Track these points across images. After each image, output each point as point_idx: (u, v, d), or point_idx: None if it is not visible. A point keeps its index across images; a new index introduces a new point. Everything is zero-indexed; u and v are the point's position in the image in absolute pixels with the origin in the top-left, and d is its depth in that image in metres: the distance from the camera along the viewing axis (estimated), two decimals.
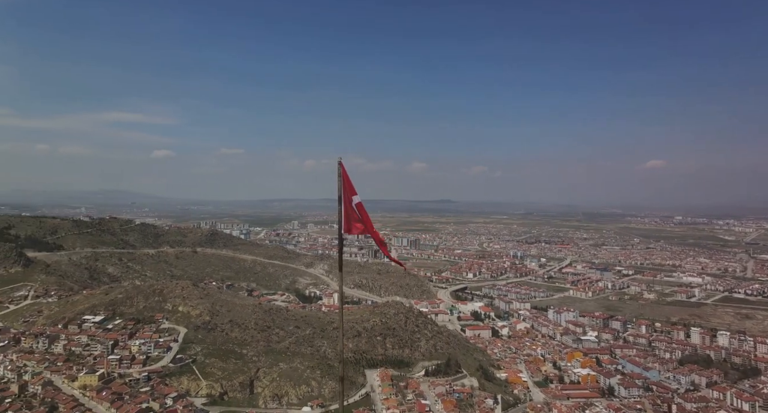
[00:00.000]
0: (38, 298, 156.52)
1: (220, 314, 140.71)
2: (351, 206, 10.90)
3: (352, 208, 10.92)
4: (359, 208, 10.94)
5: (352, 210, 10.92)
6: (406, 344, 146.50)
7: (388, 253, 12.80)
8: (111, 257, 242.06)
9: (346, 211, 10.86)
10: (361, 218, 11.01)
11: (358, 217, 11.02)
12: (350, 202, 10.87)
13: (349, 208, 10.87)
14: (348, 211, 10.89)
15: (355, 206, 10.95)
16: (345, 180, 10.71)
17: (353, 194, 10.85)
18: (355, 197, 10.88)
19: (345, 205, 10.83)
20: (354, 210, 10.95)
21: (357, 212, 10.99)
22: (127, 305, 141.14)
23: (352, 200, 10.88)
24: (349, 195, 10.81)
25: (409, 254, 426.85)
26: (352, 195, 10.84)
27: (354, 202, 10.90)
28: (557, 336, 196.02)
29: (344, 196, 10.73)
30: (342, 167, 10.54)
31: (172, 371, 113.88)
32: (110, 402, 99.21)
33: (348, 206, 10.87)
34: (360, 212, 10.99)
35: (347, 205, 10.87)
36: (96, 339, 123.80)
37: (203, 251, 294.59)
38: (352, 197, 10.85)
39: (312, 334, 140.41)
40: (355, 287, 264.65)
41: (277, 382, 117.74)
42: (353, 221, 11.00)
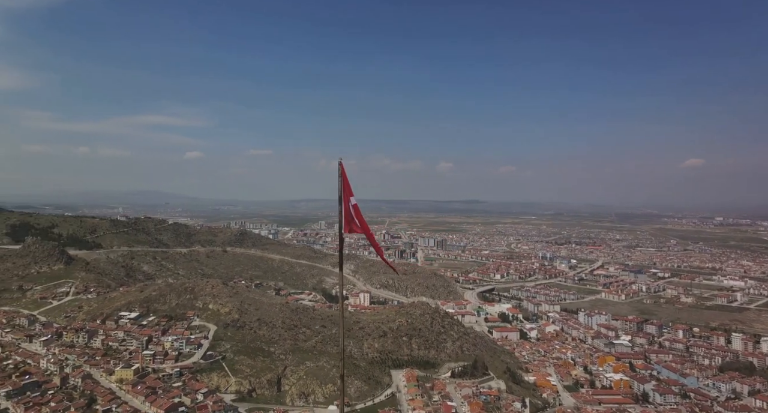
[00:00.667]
0: (78, 294, 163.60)
1: (249, 312, 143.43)
2: (349, 207, 11.05)
3: (349, 209, 11.06)
4: (355, 209, 11.11)
5: (349, 211, 11.07)
6: (432, 345, 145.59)
7: (383, 256, 12.71)
8: (146, 256, 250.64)
9: (346, 211, 11.03)
10: (357, 219, 11.16)
11: (352, 217, 11.15)
12: (348, 203, 11.02)
13: (347, 208, 11.02)
14: (347, 211, 11.05)
15: (351, 207, 11.10)
16: (344, 181, 10.84)
17: (350, 195, 11.01)
18: (352, 198, 11.04)
19: (344, 205, 10.97)
20: (351, 211, 11.09)
21: (353, 213, 11.15)
22: (160, 302, 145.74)
23: (350, 201, 11.03)
24: (347, 196, 10.94)
25: (436, 255, 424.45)
26: (349, 196, 10.98)
27: (351, 203, 11.05)
28: (588, 339, 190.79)
29: (344, 196, 10.85)
30: (342, 168, 10.71)
31: (202, 367, 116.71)
32: (145, 396, 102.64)
33: (347, 206, 11.03)
34: (356, 214, 11.14)
35: (346, 205, 11.02)
36: (131, 334, 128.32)
37: (233, 250, 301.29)
38: (349, 198, 10.99)
39: (338, 333, 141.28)
40: (381, 287, 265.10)
41: (304, 380, 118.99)
42: (351, 221, 11.15)
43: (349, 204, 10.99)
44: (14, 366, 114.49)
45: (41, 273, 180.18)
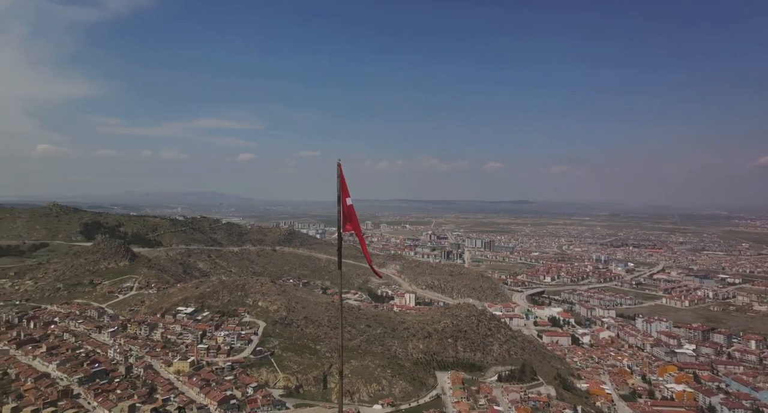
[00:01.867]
0: (141, 289, 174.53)
1: (296, 310, 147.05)
2: (346, 208, 11.49)
3: (346, 209, 11.49)
4: (350, 210, 11.52)
5: (347, 211, 11.51)
6: (478, 347, 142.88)
7: (369, 260, 13.30)
8: (201, 254, 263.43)
9: (344, 211, 11.45)
10: (351, 220, 11.58)
11: (347, 218, 11.58)
12: (345, 203, 11.45)
13: (345, 208, 11.45)
14: (345, 211, 11.48)
15: (347, 207, 11.53)
16: (342, 182, 11.27)
17: (347, 195, 11.45)
18: (348, 198, 11.48)
19: (343, 206, 11.41)
20: (345, 211, 11.51)
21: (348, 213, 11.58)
22: (213, 298, 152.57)
23: (346, 202, 11.48)
24: (344, 197, 11.38)
25: (483, 256, 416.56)
26: (345, 197, 11.42)
27: (347, 203, 11.48)
28: (647, 347, 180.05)
29: (342, 197, 11.31)
30: (340, 169, 11.13)
31: (252, 362, 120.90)
32: (200, 388, 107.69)
33: (344, 206, 11.45)
34: (350, 215, 11.56)
35: (345, 205, 11.45)
36: (187, 328, 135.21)
37: (282, 249, 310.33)
38: (346, 199, 11.43)
39: (383, 333, 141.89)
40: (426, 288, 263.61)
41: (349, 379, 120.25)
42: (346, 221, 11.57)
43: (345, 205, 11.38)
44: (85, 354, 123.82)
45: (109, 269, 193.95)
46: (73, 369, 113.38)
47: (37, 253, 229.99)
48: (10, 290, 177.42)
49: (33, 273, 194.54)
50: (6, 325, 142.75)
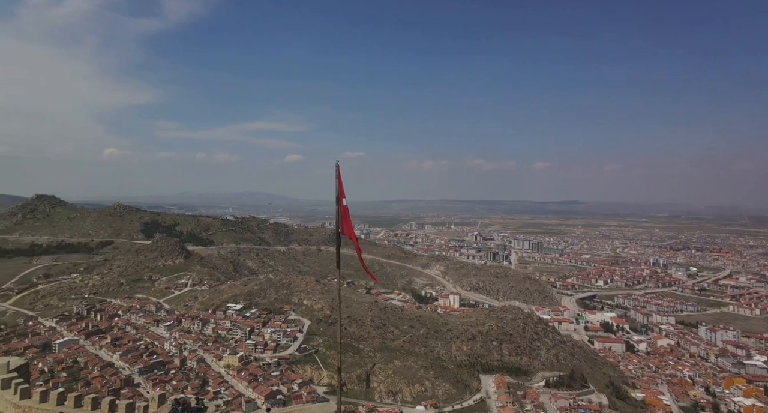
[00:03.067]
0: (195, 286, 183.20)
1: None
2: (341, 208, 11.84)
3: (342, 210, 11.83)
4: (344, 211, 11.88)
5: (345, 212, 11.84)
6: (524, 351, 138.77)
7: (363, 262, 13.78)
8: (250, 253, 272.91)
9: (342, 211, 11.81)
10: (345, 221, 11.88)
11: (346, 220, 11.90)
12: (341, 204, 11.81)
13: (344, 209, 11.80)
14: (343, 211, 11.85)
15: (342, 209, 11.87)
16: (339, 183, 11.55)
17: (343, 196, 11.75)
18: (343, 199, 11.79)
19: (340, 206, 11.78)
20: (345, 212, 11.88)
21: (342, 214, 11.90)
22: (261, 296, 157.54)
23: (342, 203, 11.84)
24: (340, 198, 11.69)
25: (531, 258, 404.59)
26: (341, 198, 11.73)
27: (342, 204, 11.84)
28: (711, 357, 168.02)
29: (340, 198, 11.67)
30: (338, 170, 11.48)
31: (297, 359, 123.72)
32: (248, 382, 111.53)
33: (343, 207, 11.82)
34: (344, 216, 11.89)
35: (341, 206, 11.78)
36: (237, 324, 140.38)
37: (327, 249, 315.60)
38: (341, 200, 11.75)
39: (426, 334, 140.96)
40: (471, 289, 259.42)
41: (392, 379, 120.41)
42: (343, 222, 11.92)
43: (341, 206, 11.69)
44: (145, 346, 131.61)
45: (166, 266, 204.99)
46: (133, 360, 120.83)
47: (103, 250, 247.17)
48: (80, 284, 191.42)
49: (100, 269, 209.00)
50: (76, 317, 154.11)
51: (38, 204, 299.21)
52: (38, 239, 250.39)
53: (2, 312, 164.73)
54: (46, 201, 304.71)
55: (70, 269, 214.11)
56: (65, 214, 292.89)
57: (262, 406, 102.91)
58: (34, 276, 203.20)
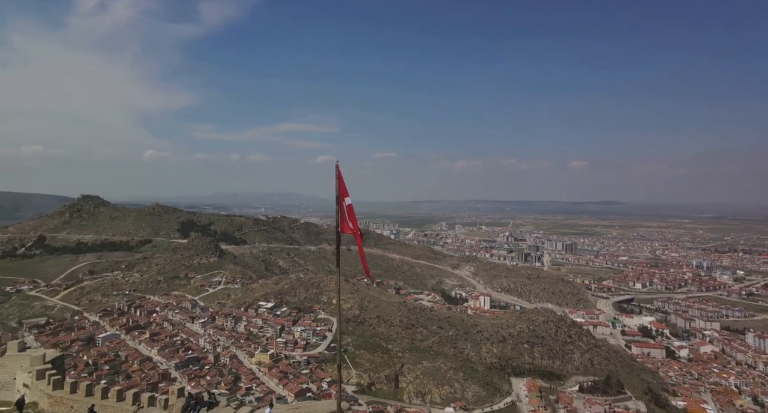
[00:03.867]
0: (228, 284, 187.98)
1: (368, 309, 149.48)
2: (344, 208, 11.99)
3: (344, 209, 11.99)
4: (349, 210, 12.02)
5: (344, 211, 11.99)
6: (557, 355, 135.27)
7: (365, 262, 13.72)
8: (281, 252, 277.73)
9: (342, 211, 11.98)
10: (351, 220, 12.01)
11: (346, 218, 12.02)
12: (344, 203, 11.95)
13: (343, 209, 11.97)
14: (343, 212, 12.00)
15: (346, 207, 12.03)
16: (340, 182, 11.77)
17: (346, 195, 11.94)
18: (347, 198, 11.97)
19: (341, 206, 11.95)
20: (345, 211, 12.02)
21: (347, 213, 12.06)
22: (291, 295, 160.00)
23: (345, 202, 11.98)
24: (342, 197, 11.90)
25: (564, 259, 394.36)
26: (344, 197, 11.90)
27: (346, 203, 11.99)
28: (760, 365, 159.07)
29: (340, 198, 11.88)
30: (338, 170, 11.70)
31: (326, 358, 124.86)
32: (278, 379, 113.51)
33: (342, 207, 11.98)
34: (349, 214, 12.02)
35: (342, 206, 11.96)
36: (268, 322, 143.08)
37: (356, 249, 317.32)
38: (344, 199, 11.91)
39: (455, 335, 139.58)
40: (502, 291, 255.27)
41: (421, 380, 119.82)
42: (345, 221, 12.00)
43: (344, 205, 11.85)
44: (181, 342, 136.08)
45: (201, 264, 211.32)
46: (170, 355, 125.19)
47: (142, 248, 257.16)
48: (121, 281, 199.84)
49: (139, 266, 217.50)
50: (118, 312, 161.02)
51: (84, 204, 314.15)
52: (83, 237, 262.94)
53: (51, 307, 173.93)
54: (91, 201, 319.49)
55: (112, 266, 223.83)
56: (108, 213, 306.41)
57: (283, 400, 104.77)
58: (80, 273, 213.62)
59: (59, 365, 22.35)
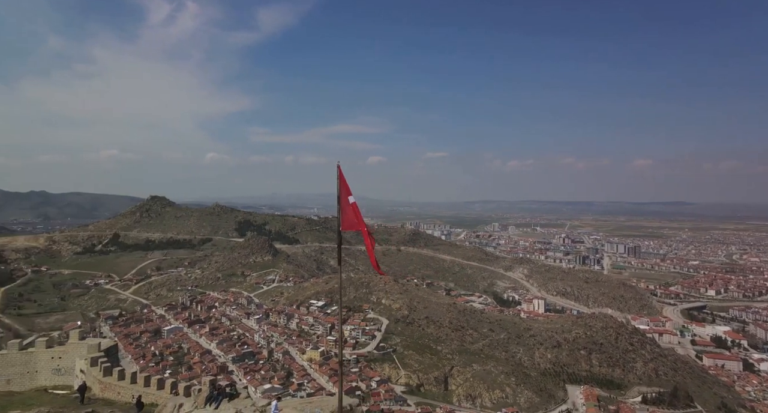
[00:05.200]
0: (281, 282, 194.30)
1: (418, 310, 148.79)
2: (348, 206, 12.60)
3: (348, 207, 12.61)
4: (354, 208, 12.69)
5: (348, 209, 12.60)
6: (617, 363, 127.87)
7: (373, 257, 13.76)
8: (332, 252, 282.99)
9: (344, 210, 12.59)
10: (357, 217, 12.67)
11: (352, 217, 12.64)
12: (347, 202, 12.58)
13: (346, 207, 12.58)
14: (345, 210, 12.61)
15: (350, 206, 12.70)
16: (342, 182, 12.49)
17: (349, 194, 12.64)
18: (350, 197, 12.65)
19: (343, 205, 12.56)
20: (349, 209, 12.65)
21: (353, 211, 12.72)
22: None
23: (348, 201, 12.62)
24: (345, 196, 12.57)
25: (627, 263, 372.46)
26: (347, 196, 12.58)
27: (350, 202, 12.67)
28: None
29: (342, 197, 12.54)
30: (339, 171, 12.42)
31: (375, 357, 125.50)
32: (328, 376, 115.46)
33: (345, 205, 12.59)
34: (355, 212, 12.72)
35: (344, 205, 12.58)
36: (318, 320, 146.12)
37: (406, 249, 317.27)
38: (347, 198, 12.58)
39: (507, 339, 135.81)
40: (557, 294, 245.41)
41: (471, 382, 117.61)
42: (348, 219, 12.63)
43: (348, 204, 12.53)
44: (237, 336, 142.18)
45: (256, 262, 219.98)
46: (228, 349, 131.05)
47: (203, 246, 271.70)
48: (184, 277, 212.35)
49: (200, 264, 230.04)
50: (181, 306, 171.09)
51: (152, 205, 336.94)
52: (152, 235, 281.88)
53: (124, 300, 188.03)
54: (158, 202, 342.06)
55: (176, 263, 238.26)
56: (173, 213, 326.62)
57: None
58: (148, 269, 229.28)
59: (113, 354, 24.10)
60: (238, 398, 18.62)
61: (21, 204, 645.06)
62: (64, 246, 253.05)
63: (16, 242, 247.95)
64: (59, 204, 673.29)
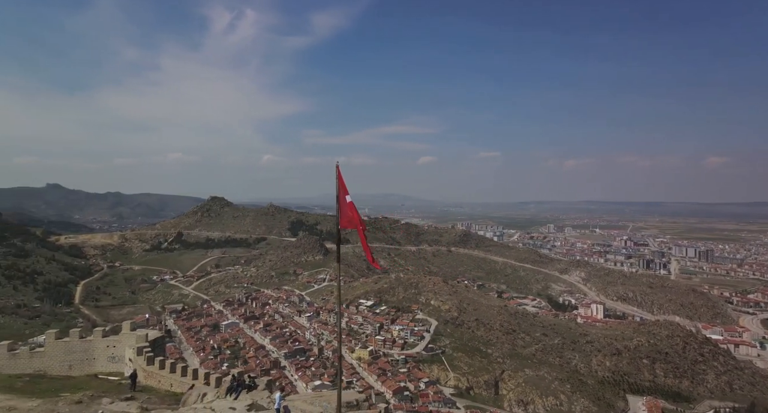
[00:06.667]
0: (331, 281, 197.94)
1: (467, 311, 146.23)
2: (345, 205, 12.97)
3: (346, 206, 12.98)
4: (350, 206, 13.01)
5: (346, 208, 12.98)
6: (685, 374, 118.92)
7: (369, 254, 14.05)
8: (382, 252, 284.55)
9: (342, 208, 12.97)
10: (353, 215, 13.00)
11: (350, 215, 13.01)
12: (345, 201, 12.92)
13: (344, 206, 12.97)
14: (343, 209, 12.98)
15: (347, 204, 13.03)
16: (340, 181, 12.84)
17: (346, 193, 13.03)
18: (347, 196, 13.04)
19: (341, 203, 12.95)
20: (347, 208, 13.02)
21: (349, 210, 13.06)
22: (390, 294, 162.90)
23: (346, 200, 12.99)
24: (343, 195, 12.97)
25: (698, 268, 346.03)
26: (345, 195, 12.99)
27: (347, 201, 13.01)
28: None
29: (340, 196, 12.96)
30: (338, 170, 12.83)
31: (424, 358, 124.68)
32: (377, 376, 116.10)
33: (343, 204, 12.96)
34: (351, 211, 13.03)
35: (342, 203, 12.95)
36: (367, 320, 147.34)
37: (456, 250, 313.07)
38: (345, 197, 12.98)
39: (561, 344, 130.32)
40: (618, 299, 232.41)
41: (523, 388, 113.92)
42: (346, 217, 13.00)
43: (345, 202, 12.84)
44: (289, 333, 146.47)
45: (308, 262, 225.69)
46: (280, 345, 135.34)
47: (258, 245, 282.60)
48: (241, 274, 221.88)
49: (256, 262, 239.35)
50: (238, 303, 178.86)
51: (212, 205, 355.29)
52: (211, 234, 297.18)
53: (186, 295, 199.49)
54: (218, 202, 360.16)
55: (233, 261, 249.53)
56: (231, 213, 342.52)
57: (391, 401, 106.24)
58: (208, 266, 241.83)
59: (159, 345, 25.68)
60: (255, 390, 19.43)
61: (99, 204, 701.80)
62: (135, 243, 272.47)
63: (94, 240, 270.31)
64: (131, 204, 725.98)
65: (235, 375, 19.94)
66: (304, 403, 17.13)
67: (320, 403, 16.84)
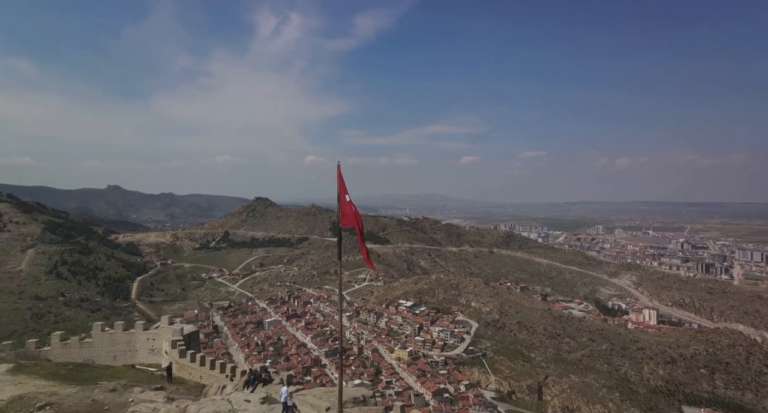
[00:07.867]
0: (371, 281, 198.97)
1: (509, 314, 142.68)
2: (345, 204, 13.56)
3: (345, 205, 13.58)
4: (350, 205, 13.55)
5: (346, 207, 13.57)
6: (748, 386, 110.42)
7: (365, 252, 14.80)
8: (423, 252, 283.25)
9: (342, 208, 13.59)
10: (354, 214, 13.58)
11: (350, 213, 13.58)
12: (345, 201, 13.52)
13: (344, 205, 13.54)
14: (343, 208, 13.56)
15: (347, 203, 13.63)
16: (340, 181, 13.35)
17: (345, 193, 13.59)
18: (347, 195, 13.60)
19: (342, 203, 13.54)
20: (347, 207, 13.61)
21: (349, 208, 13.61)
22: (430, 295, 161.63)
23: (345, 199, 13.58)
24: (343, 194, 13.51)
25: (765, 273, 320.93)
26: (344, 194, 13.53)
27: (347, 200, 13.60)
28: None
29: (340, 195, 13.47)
30: (339, 170, 13.33)
31: (464, 360, 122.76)
32: (416, 376, 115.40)
33: (343, 203, 13.54)
34: (350, 210, 13.59)
35: (342, 203, 13.54)
36: (407, 320, 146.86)
37: (499, 252, 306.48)
38: (345, 196, 13.53)
39: (609, 350, 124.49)
40: (673, 305, 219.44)
41: (568, 394, 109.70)
42: (346, 216, 13.61)
43: (345, 201, 13.46)
44: (330, 332, 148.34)
45: (348, 262, 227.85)
46: (321, 343, 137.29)
47: (300, 245, 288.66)
48: (283, 273, 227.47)
49: (298, 261, 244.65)
50: (280, 301, 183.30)
51: (257, 205, 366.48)
52: (256, 234, 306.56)
53: (232, 293, 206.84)
54: (262, 203, 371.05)
55: (277, 260, 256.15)
56: (274, 213, 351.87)
57: (431, 402, 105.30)
58: (253, 265, 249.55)
59: (194, 339, 26.78)
60: (271, 384, 19.81)
61: (154, 204, 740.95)
62: (185, 242, 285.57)
63: (149, 238, 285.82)
64: (182, 205, 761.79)
65: (252, 369, 20.58)
66: (313, 398, 17.28)
67: (328, 398, 16.94)
